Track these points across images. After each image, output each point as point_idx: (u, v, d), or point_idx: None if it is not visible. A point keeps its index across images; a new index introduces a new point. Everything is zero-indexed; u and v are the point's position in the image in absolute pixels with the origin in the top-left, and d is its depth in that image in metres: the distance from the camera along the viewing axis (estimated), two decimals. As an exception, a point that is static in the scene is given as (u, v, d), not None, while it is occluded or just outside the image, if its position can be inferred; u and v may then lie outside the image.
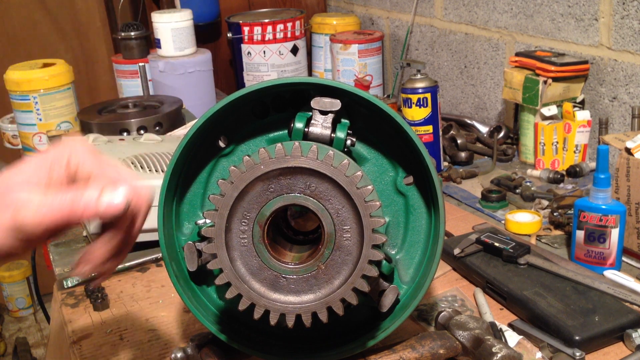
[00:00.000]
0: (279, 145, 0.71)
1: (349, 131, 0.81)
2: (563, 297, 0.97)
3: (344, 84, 0.80)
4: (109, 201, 0.56)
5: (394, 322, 0.82)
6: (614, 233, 1.06)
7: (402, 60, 2.17)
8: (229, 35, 2.22)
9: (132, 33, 2.07)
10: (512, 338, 0.89)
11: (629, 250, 1.12)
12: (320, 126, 0.80)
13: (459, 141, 1.66)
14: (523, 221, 1.24)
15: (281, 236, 0.84)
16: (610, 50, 1.45)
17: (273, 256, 0.74)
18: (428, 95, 1.51)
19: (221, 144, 0.87)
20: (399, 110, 1.64)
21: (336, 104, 0.79)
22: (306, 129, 0.80)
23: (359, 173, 0.71)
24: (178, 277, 0.83)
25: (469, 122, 1.83)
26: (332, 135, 0.80)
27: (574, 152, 1.50)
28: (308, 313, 0.73)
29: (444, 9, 1.95)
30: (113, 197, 0.56)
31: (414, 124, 1.53)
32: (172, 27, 1.96)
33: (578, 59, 1.50)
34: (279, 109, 0.87)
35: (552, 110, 1.49)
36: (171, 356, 0.88)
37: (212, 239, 0.73)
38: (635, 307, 0.96)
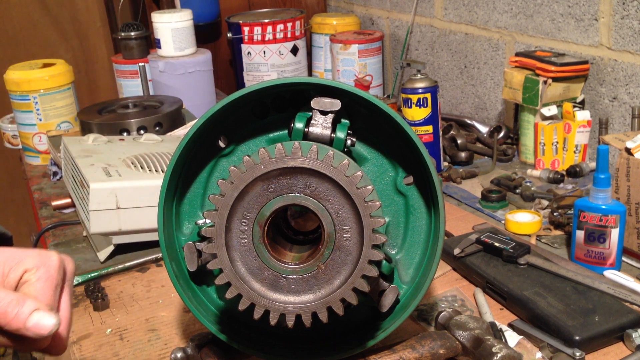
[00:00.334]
0: (279, 145, 0.71)
1: (349, 131, 0.81)
2: (563, 297, 0.97)
3: (344, 84, 0.80)
4: (35, 324, 0.59)
5: (394, 322, 0.82)
6: (614, 233, 1.06)
7: (402, 60, 2.17)
8: (229, 35, 2.22)
9: (132, 33, 2.07)
10: (512, 338, 0.89)
11: (629, 250, 1.12)
12: (320, 126, 0.80)
13: (459, 141, 1.66)
14: (523, 221, 1.24)
15: (281, 236, 0.84)
16: (610, 50, 1.45)
17: (273, 256, 0.74)
18: (428, 95, 1.51)
19: (221, 144, 0.87)
20: (399, 110, 1.65)
21: (336, 104, 0.79)
22: (306, 129, 0.80)
23: (359, 173, 0.71)
24: (178, 277, 0.83)
25: (469, 122, 1.83)
26: (332, 135, 0.80)
27: (574, 152, 1.50)
28: (308, 313, 0.73)
29: (444, 9, 1.96)
30: (40, 322, 0.59)
31: (414, 124, 1.53)
32: (172, 27, 1.96)
33: (578, 59, 1.50)
34: (279, 109, 0.87)
35: (552, 110, 1.49)
36: (171, 356, 0.88)
37: (212, 239, 0.73)
38: (635, 307, 0.96)
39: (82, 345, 1.00)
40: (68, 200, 1.47)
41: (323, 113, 0.80)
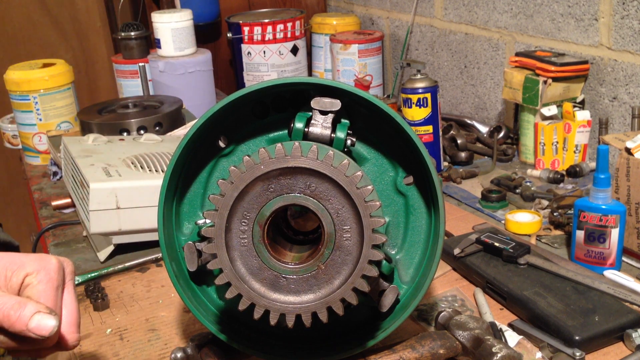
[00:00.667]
0: (279, 145, 0.71)
1: (349, 131, 0.81)
2: (563, 297, 0.97)
3: (344, 84, 0.80)
4: (37, 325, 0.61)
5: (394, 322, 0.82)
6: (614, 233, 1.06)
7: (402, 60, 2.17)
8: (229, 35, 2.22)
9: (132, 33, 2.07)
10: (512, 338, 0.89)
11: (629, 250, 1.12)
12: (320, 126, 0.80)
13: (459, 141, 1.66)
14: (523, 221, 1.24)
15: (281, 236, 0.84)
16: (610, 50, 1.45)
17: (273, 256, 0.74)
18: (428, 95, 1.51)
19: (221, 144, 0.87)
20: (399, 110, 1.64)
21: (336, 104, 0.79)
22: (306, 129, 0.80)
23: (359, 173, 0.71)
24: (178, 277, 0.83)
25: (469, 122, 1.83)
26: (332, 135, 0.80)
27: (574, 152, 1.50)
28: (308, 313, 0.73)
29: (444, 9, 1.96)
30: (41, 324, 0.62)
31: (414, 124, 1.53)
32: (172, 27, 1.96)
33: (578, 59, 1.50)
34: (279, 109, 0.87)
35: (552, 110, 1.49)
36: (171, 356, 0.88)
37: (212, 239, 0.73)
38: (635, 307, 0.96)
39: (82, 345, 1.00)
40: (68, 200, 1.47)
41: (323, 113, 0.80)
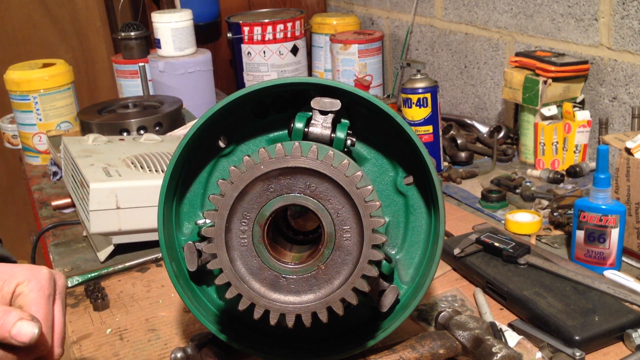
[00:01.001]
0: (279, 145, 0.71)
1: (349, 131, 0.81)
2: (563, 297, 0.97)
3: (344, 84, 0.80)
4: (17, 332, 0.62)
5: (394, 322, 0.82)
6: (614, 233, 1.06)
7: (402, 60, 2.17)
8: (229, 35, 2.22)
9: (132, 33, 2.07)
10: (512, 338, 0.89)
11: (629, 250, 1.12)
12: (320, 126, 0.80)
13: (459, 141, 1.66)
14: (523, 221, 1.24)
15: (281, 236, 0.84)
16: (610, 50, 1.45)
17: (273, 256, 0.74)
18: (428, 95, 1.51)
19: (221, 144, 0.87)
20: (399, 110, 1.64)
21: (336, 104, 0.79)
22: (306, 129, 0.80)
23: (359, 173, 0.71)
24: (178, 277, 0.83)
25: (469, 122, 1.83)
26: (332, 135, 0.80)
27: (574, 152, 1.50)
28: (308, 313, 0.73)
29: (444, 9, 1.96)
30: (22, 330, 0.62)
31: (414, 124, 1.53)
32: (172, 27, 1.96)
33: (578, 59, 1.50)
34: (279, 109, 0.87)
35: (552, 110, 1.49)
36: (171, 356, 0.88)
37: (212, 239, 0.73)
38: (635, 307, 0.96)
39: (82, 345, 1.00)
40: (68, 200, 1.47)
41: (323, 113, 0.80)
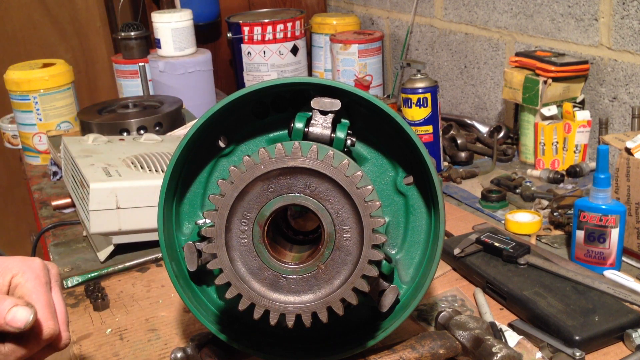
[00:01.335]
0: (279, 145, 0.71)
1: (349, 131, 0.81)
2: (563, 297, 0.97)
3: (344, 84, 0.80)
4: (12, 318, 0.63)
5: (394, 322, 0.82)
6: (614, 233, 1.06)
7: (402, 60, 2.17)
8: (229, 35, 2.22)
9: (132, 33, 2.07)
10: (512, 338, 0.89)
11: (629, 250, 1.12)
12: (320, 126, 0.80)
13: (459, 141, 1.66)
14: (523, 221, 1.24)
15: (281, 236, 0.84)
16: (610, 50, 1.45)
17: (273, 256, 0.74)
18: (428, 95, 1.51)
19: (221, 144, 0.87)
20: (399, 110, 1.64)
21: (336, 104, 0.79)
22: (306, 129, 0.80)
23: (359, 173, 0.71)
24: (178, 277, 0.83)
25: (469, 122, 1.83)
26: (332, 135, 0.80)
27: (574, 152, 1.50)
28: (308, 313, 0.73)
29: (444, 9, 1.96)
30: (16, 316, 0.63)
31: (414, 124, 1.53)
32: (172, 27, 1.96)
33: (578, 59, 1.50)
34: (279, 109, 0.87)
35: (552, 110, 1.49)
36: (171, 356, 0.88)
37: (212, 239, 0.73)
38: (635, 307, 0.96)
39: (82, 345, 1.00)
40: (68, 200, 1.47)
41: (323, 113, 0.80)
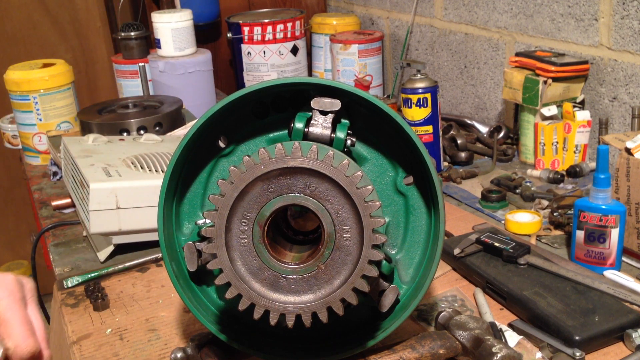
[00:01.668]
0: (279, 145, 0.71)
1: (349, 131, 0.81)
2: (563, 297, 0.97)
3: (344, 84, 0.80)
4: None
5: (394, 322, 0.82)
6: (614, 233, 1.06)
7: (402, 60, 2.17)
8: (229, 35, 2.22)
9: (132, 33, 2.07)
10: (512, 338, 0.89)
11: (629, 250, 1.12)
12: (320, 126, 0.80)
13: (459, 141, 1.66)
14: (523, 221, 1.24)
15: (281, 236, 0.84)
16: (610, 50, 1.45)
17: (273, 256, 0.74)
18: (428, 95, 1.51)
19: (221, 144, 0.87)
20: (399, 110, 1.64)
21: (336, 104, 0.79)
22: (306, 129, 0.80)
23: (359, 173, 0.71)
24: (178, 277, 0.83)
25: (469, 122, 1.83)
26: (332, 135, 0.80)
27: (574, 152, 1.50)
28: (308, 313, 0.73)
29: (444, 9, 1.96)
30: None
31: (414, 124, 1.53)
32: (172, 27, 1.96)
33: (578, 59, 1.50)
34: (279, 109, 0.87)
35: (552, 110, 1.49)
36: (171, 356, 0.88)
37: (212, 239, 0.73)
38: (635, 307, 0.96)
39: (82, 345, 1.00)
40: (68, 200, 1.47)
41: (323, 113, 0.80)
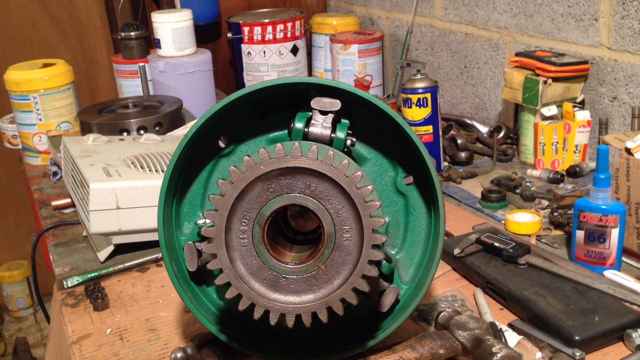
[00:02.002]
0: (279, 145, 0.72)
1: (349, 131, 0.81)
2: (563, 297, 0.97)
3: (344, 84, 0.80)
4: None
5: (394, 322, 0.82)
6: (614, 233, 1.06)
7: (402, 60, 2.17)
8: (229, 35, 2.22)
9: (132, 33, 2.08)
10: (512, 338, 0.89)
11: (629, 250, 1.12)
12: (320, 126, 0.80)
13: (459, 141, 1.66)
14: (523, 221, 1.24)
15: (281, 236, 0.84)
16: (610, 50, 1.45)
17: (273, 256, 0.74)
18: (428, 95, 1.51)
19: (221, 144, 0.87)
20: (399, 110, 1.64)
21: (336, 104, 0.79)
22: (306, 129, 0.80)
23: (359, 173, 0.71)
24: (178, 277, 0.83)
25: (469, 122, 1.83)
26: (332, 135, 0.80)
27: (574, 152, 1.50)
28: (308, 313, 0.73)
29: (444, 9, 1.96)
30: None
31: (414, 124, 1.53)
32: (172, 27, 1.96)
33: (578, 59, 1.50)
34: (279, 109, 0.87)
35: (552, 110, 1.49)
36: (171, 356, 0.88)
37: (212, 239, 0.73)
38: (635, 307, 0.96)
39: (82, 345, 1.00)
40: (68, 200, 1.47)
41: (323, 113, 0.80)
